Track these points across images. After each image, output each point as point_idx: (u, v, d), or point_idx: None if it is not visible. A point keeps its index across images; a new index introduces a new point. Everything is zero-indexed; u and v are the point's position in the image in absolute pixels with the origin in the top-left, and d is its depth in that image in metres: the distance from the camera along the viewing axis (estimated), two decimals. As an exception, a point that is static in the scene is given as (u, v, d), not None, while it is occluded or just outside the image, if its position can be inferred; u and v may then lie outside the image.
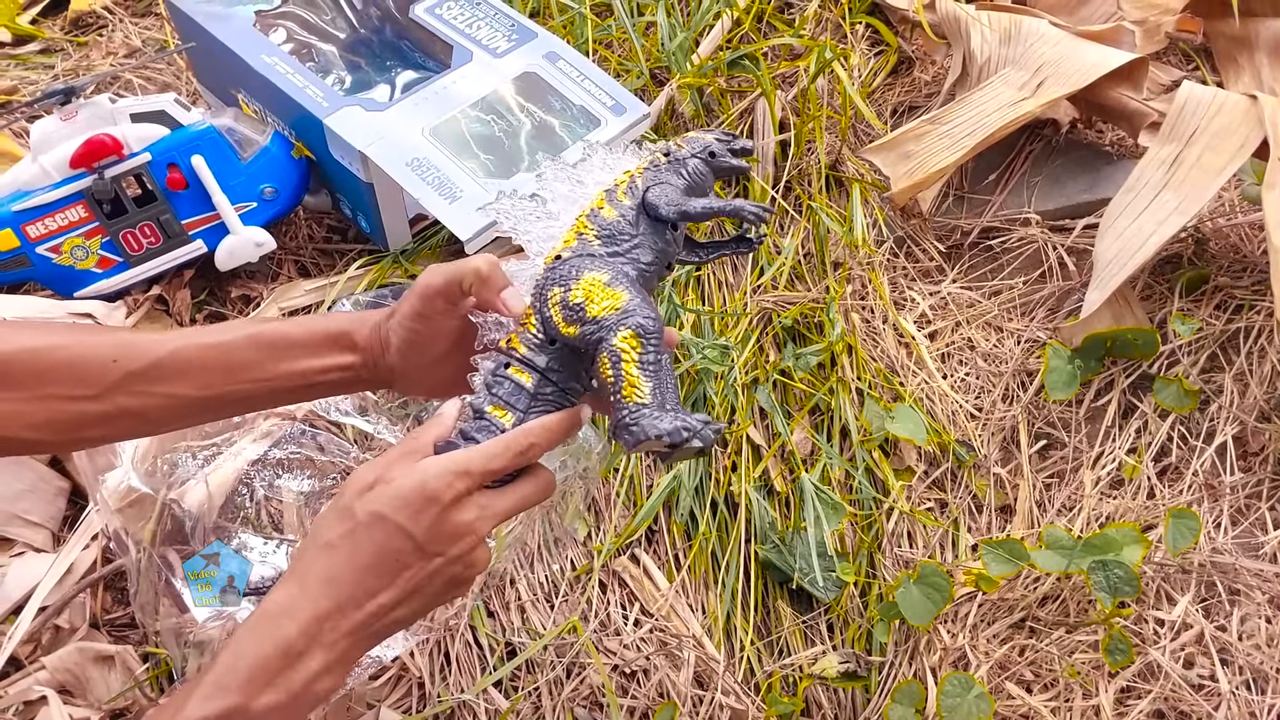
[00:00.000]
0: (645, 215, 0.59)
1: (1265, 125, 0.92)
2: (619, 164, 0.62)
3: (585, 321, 0.55)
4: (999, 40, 1.14)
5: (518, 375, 0.57)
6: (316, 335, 0.60)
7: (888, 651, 0.85)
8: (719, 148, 0.62)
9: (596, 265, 0.58)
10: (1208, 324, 0.98)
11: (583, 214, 0.60)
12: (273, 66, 1.07)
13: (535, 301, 0.58)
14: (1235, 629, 0.81)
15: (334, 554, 0.50)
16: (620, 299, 0.55)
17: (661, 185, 0.60)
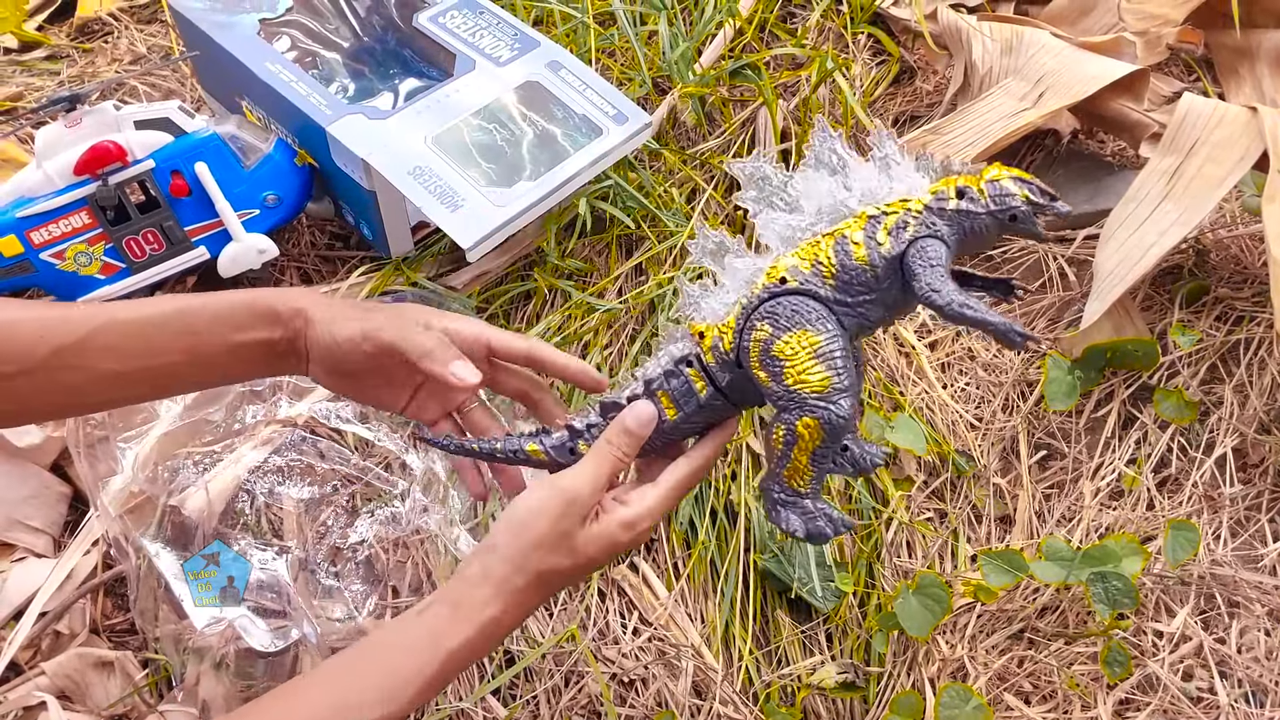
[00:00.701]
0: (897, 272, 0.52)
1: (1265, 137, 0.92)
2: (898, 178, 0.53)
3: (777, 380, 0.53)
4: (1000, 51, 1.15)
5: (694, 380, 0.57)
6: (239, 309, 0.60)
7: (886, 662, 0.85)
8: (1024, 210, 0.51)
9: (816, 318, 0.52)
10: (1208, 335, 0.98)
11: (832, 233, 0.53)
12: (276, 74, 1.08)
13: (741, 318, 0.54)
14: (1234, 641, 0.81)
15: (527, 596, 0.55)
16: (823, 382, 0.52)
17: (930, 245, 0.51)
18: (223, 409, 0.88)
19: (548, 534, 0.54)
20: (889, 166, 0.53)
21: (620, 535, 0.55)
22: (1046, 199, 0.52)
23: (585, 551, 0.55)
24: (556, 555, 0.54)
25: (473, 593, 0.53)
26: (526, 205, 1.01)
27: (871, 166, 0.53)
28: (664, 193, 1.20)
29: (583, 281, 1.14)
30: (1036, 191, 0.52)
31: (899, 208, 0.52)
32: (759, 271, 0.54)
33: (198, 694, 0.75)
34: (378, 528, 0.88)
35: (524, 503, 0.55)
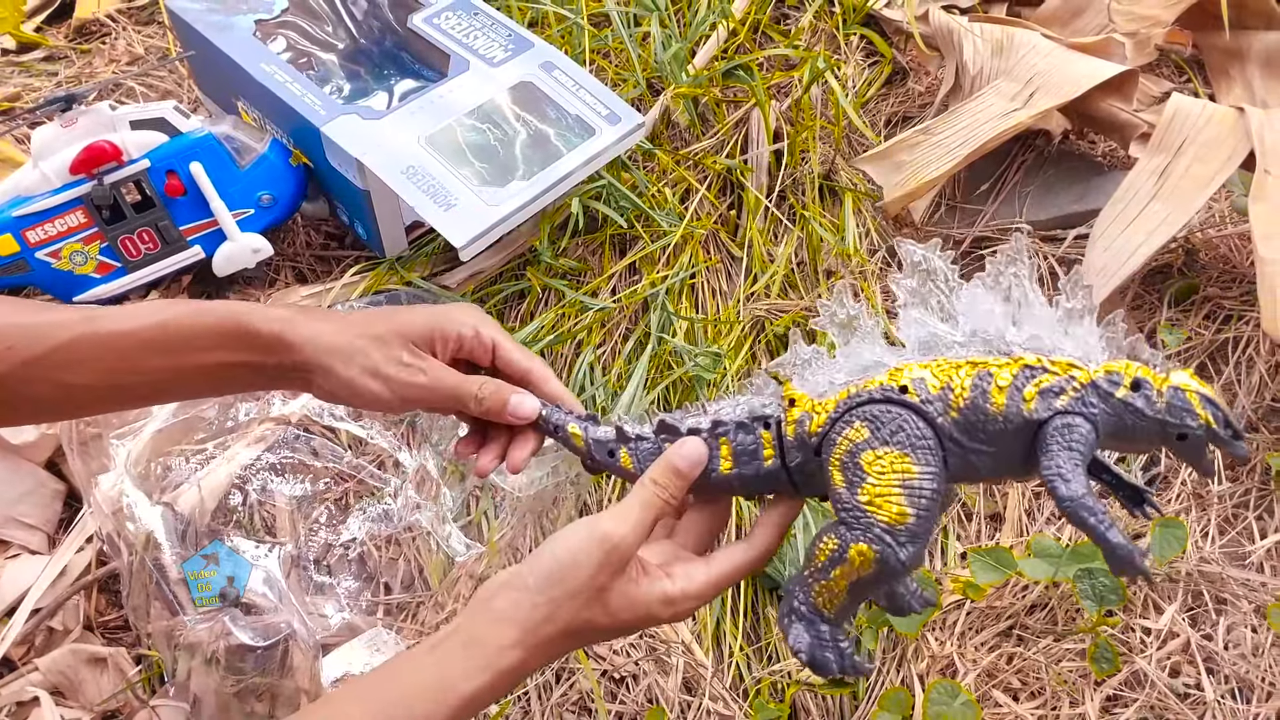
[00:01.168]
0: (1028, 435, 0.46)
1: (1252, 137, 0.93)
2: (1075, 336, 0.47)
3: (852, 489, 0.48)
4: (991, 52, 1.15)
5: (765, 443, 0.52)
6: (225, 327, 0.57)
7: (876, 659, 0.85)
8: (1198, 435, 0.45)
9: (922, 448, 0.47)
10: (1197, 334, 0.98)
11: (978, 364, 0.47)
12: (271, 75, 1.09)
13: (842, 406, 0.49)
14: (1221, 638, 0.82)
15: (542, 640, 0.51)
16: (899, 517, 0.47)
17: (1078, 426, 0.45)
18: (216, 406, 0.89)
19: (585, 585, 0.50)
20: (1070, 320, 0.47)
21: (659, 610, 0.51)
22: (1229, 433, 0.45)
23: (618, 613, 0.51)
24: (590, 610, 0.50)
25: (495, 632, 0.49)
26: (519, 205, 1.01)
27: (1051, 312, 0.48)
28: (657, 193, 1.20)
29: (577, 281, 1.14)
30: (1222, 422, 0.46)
31: (1063, 370, 0.46)
32: (882, 366, 0.49)
33: (189, 689, 0.76)
34: (369, 525, 0.88)
35: (564, 544, 0.51)
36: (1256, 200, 0.90)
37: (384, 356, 0.57)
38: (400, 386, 0.57)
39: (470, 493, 0.96)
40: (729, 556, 0.53)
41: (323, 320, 0.58)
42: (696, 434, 0.54)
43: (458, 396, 0.59)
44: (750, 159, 1.22)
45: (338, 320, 0.59)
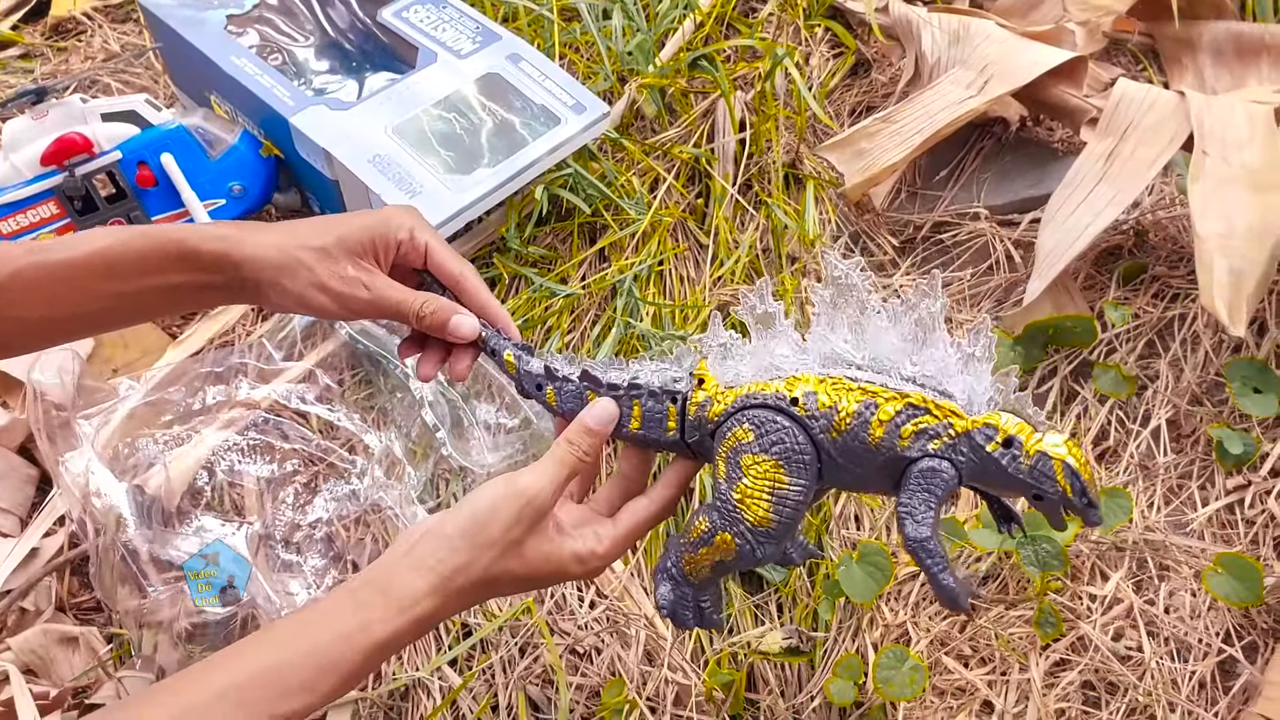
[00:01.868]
0: (898, 472, 0.50)
1: (1191, 121, 0.96)
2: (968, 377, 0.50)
3: (729, 483, 0.53)
4: (948, 41, 1.18)
5: (670, 416, 0.57)
6: (168, 251, 0.58)
7: (832, 628, 0.87)
8: (1054, 499, 0.48)
9: (796, 462, 0.51)
10: (1145, 312, 1.01)
11: (868, 391, 0.50)
12: (241, 68, 1.11)
13: (738, 404, 0.53)
14: (1162, 602, 0.84)
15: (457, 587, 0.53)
16: (762, 520, 0.51)
17: (942, 472, 0.48)
18: (182, 388, 0.90)
19: (501, 537, 0.52)
20: (967, 365, 0.50)
21: (571, 566, 0.55)
22: (1083, 502, 0.48)
23: (533, 565, 0.54)
24: (506, 561, 0.53)
25: (411, 580, 0.51)
26: (484, 192, 1.03)
27: (951, 353, 0.50)
28: (626, 182, 1.22)
29: (546, 268, 1.16)
30: (1078, 493, 0.48)
31: (943, 415, 0.49)
32: (784, 370, 0.53)
33: (155, 661, 0.77)
34: (336, 505, 0.90)
35: (483, 497, 0.53)
36: (1195, 180, 0.93)
37: (328, 271, 0.59)
38: (346, 300, 0.59)
39: (440, 475, 0.98)
40: (633, 514, 0.57)
41: (266, 234, 0.60)
42: (615, 389, 0.58)
43: (400, 311, 0.61)
44: (716, 148, 1.25)
45: (281, 233, 0.60)
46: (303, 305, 0.60)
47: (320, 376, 0.97)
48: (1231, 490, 0.90)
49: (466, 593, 0.52)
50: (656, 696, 0.84)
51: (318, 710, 0.50)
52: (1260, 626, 0.82)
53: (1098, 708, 0.82)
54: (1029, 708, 0.81)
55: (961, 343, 0.50)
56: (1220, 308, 0.87)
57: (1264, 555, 0.86)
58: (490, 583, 0.53)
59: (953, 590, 0.49)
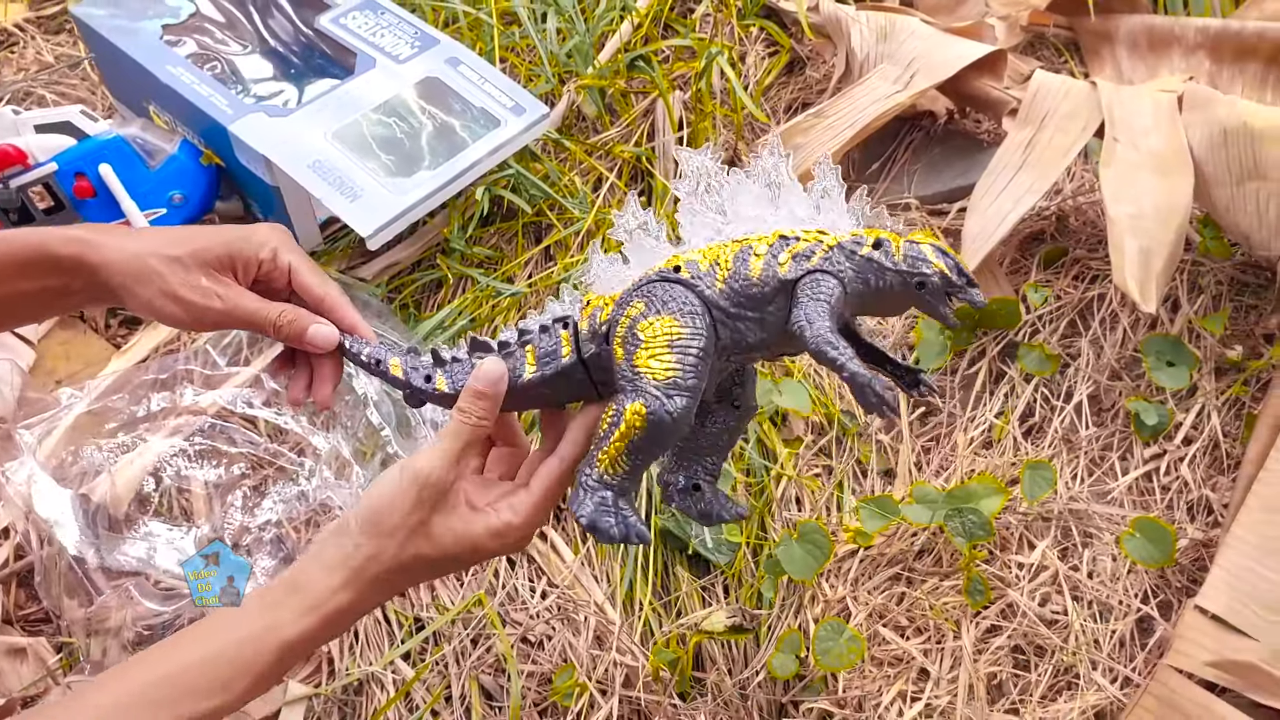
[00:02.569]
0: (785, 298, 0.51)
1: (1102, 109, 1.00)
2: (826, 211, 0.52)
3: (629, 357, 0.52)
4: (876, 38, 1.22)
5: (564, 341, 0.56)
6: (24, 255, 0.57)
7: (775, 606, 0.90)
8: (934, 282, 0.49)
9: (688, 311, 0.51)
10: (1066, 293, 1.06)
11: (740, 241, 0.52)
12: (178, 77, 1.11)
13: (626, 293, 0.53)
14: (1086, 567, 0.88)
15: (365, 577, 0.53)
16: (667, 373, 0.50)
17: (823, 280, 0.50)
18: (127, 396, 0.91)
19: (403, 522, 0.52)
20: (822, 198, 0.52)
21: (487, 542, 0.54)
22: (962, 280, 0.49)
23: (446, 546, 0.53)
24: (414, 545, 0.52)
25: (322, 579, 0.51)
26: (425, 194, 1.05)
27: (805, 195, 0.52)
28: (568, 182, 1.25)
29: (492, 268, 1.18)
30: (954, 269, 0.49)
31: (813, 238, 0.51)
32: (662, 257, 0.54)
33: (104, 666, 0.78)
34: (285, 506, 0.91)
35: (380, 487, 0.53)
36: (1106, 165, 0.97)
37: (180, 280, 0.58)
38: (196, 310, 0.58)
39: (389, 474, 1.00)
40: (545, 475, 0.56)
41: (122, 240, 0.59)
42: (506, 347, 0.58)
43: (255, 321, 0.60)
44: (656, 147, 1.27)
45: (137, 240, 0.59)
46: (153, 312, 0.58)
47: (267, 381, 0.98)
48: (1148, 459, 0.95)
49: (381, 582, 0.52)
50: (606, 679, 0.86)
51: (233, 710, 0.50)
52: (1174, 585, 0.87)
53: (1027, 670, 0.86)
54: (961, 673, 0.84)
55: (811, 184, 0.52)
56: (1132, 286, 0.92)
57: (1178, 519, 0.91)
58: (403, 569, 0.52)
59: (866, 377, 0.47)
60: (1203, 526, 0.90)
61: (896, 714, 0.84)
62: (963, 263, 0.50)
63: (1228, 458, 0.94)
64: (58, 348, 1.05)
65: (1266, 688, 0.74)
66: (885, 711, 0.84)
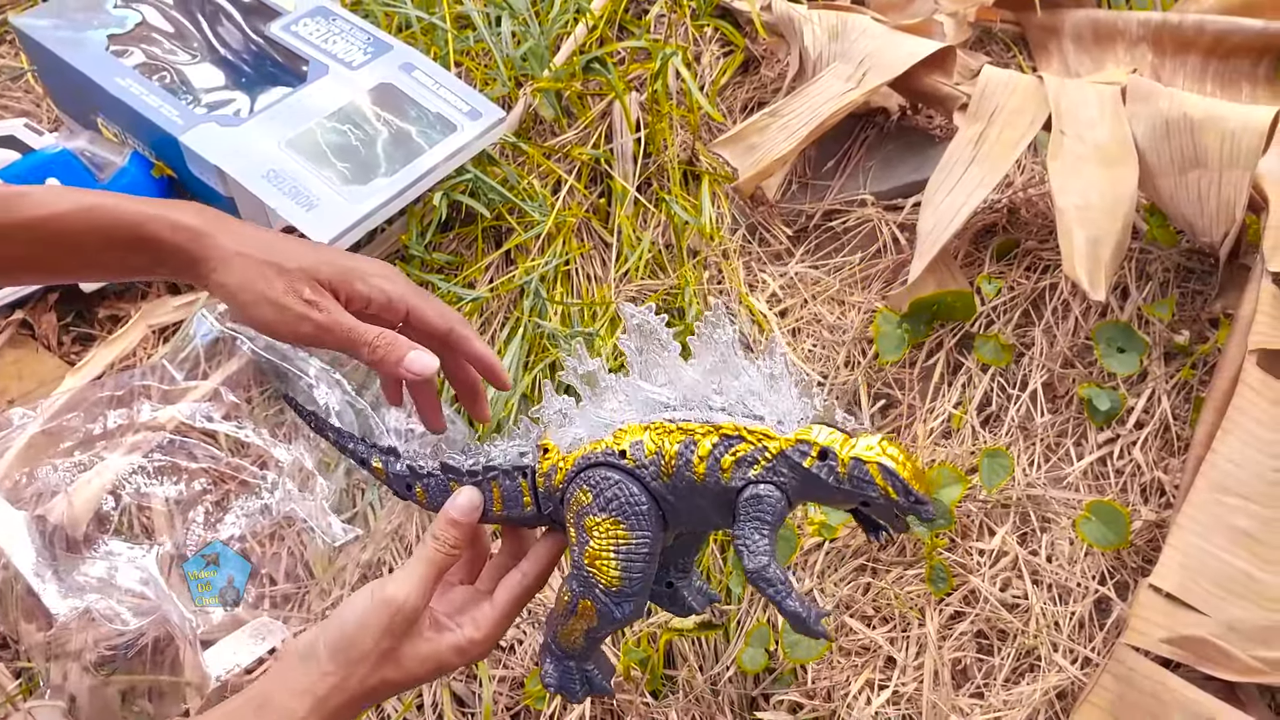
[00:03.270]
0: (730, 504, 0.51)
1: (1049, 102, 1.02)
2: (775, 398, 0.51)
3: (580, 549, 0.53)
4: (828, 37, 1.23)
5: (524, 492, 0.58)
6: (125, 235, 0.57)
7: (743, 601, 0.91)
8: (881, 504, 0.48)
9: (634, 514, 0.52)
10: (1019, 284, 1.08)
11: (687, 430, 0.51)
12: (126, 88, 1.10)
13: (576, 465, 0.54)
14: (1044, 552, 0.90)
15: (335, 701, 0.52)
16: (614, 581, 0.52)
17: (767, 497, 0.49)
18: (82, 414, 0.89)
19: (372, 650, 0.52)
20: (770, 384, 0.51)
21: (450, 658, 0.54)
22: (909, 501, 0.47)
23: (410, 669, 0.53)
24: (381, 671, 0.53)
25: (287, 702, 0.51)
26: (382, 201, 1.05)
27: (752, 373, 0.51)
28: (527, 185, 1.25)
29: (453, 274, 1.18)
30: (901, 490, 0.47)
31: (757, 440, 0.50)
32: (611, 426, 0.54)
33: (65, 689, 0.77)
34: (248, 520, 0.91)
35: (350, 612, 0.53)
36: (1054, 158, 0.99)
37: (285, 286, 0.57)
38: (294, 319, 0.58)
39: (354, 484, 0.99)
40: (507, 591, 0.57)
41: (233, 236, 0.58)
42: (474, 475, 0.59)
43: (352, 339, 0.59)
44: (615, 149, 1.28)
45: (249, 239, 0.59)
46: (248, 314, 0.58)
47: (226, 394, 0.97)
48: (1102, 444, 0.97)
49: (345, 709, 0.52)
50: (578, 681, 0.87)
51: None
52: (1130, 566, 0.89)
53: (990, 654, 0.87)
54: (927, 660, 0.86)
55: (760, 363, 0.52)
56: (1081, 275, 0.94)
57: (1132, 501, 0.93)
58: (369, 694, 0.53)
59: (799, 613, 0.48)
60: (1156, 508, 0.92)
61: (865, 703, 0.85)
62: (913, 478, 0.48)
63: (1178, 440, 0.97)
64: (9, 367, 1.03)
65: (1217, 661, 0.76)
66: (854, 700, 0.85)
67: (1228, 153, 0.93)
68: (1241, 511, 0.79)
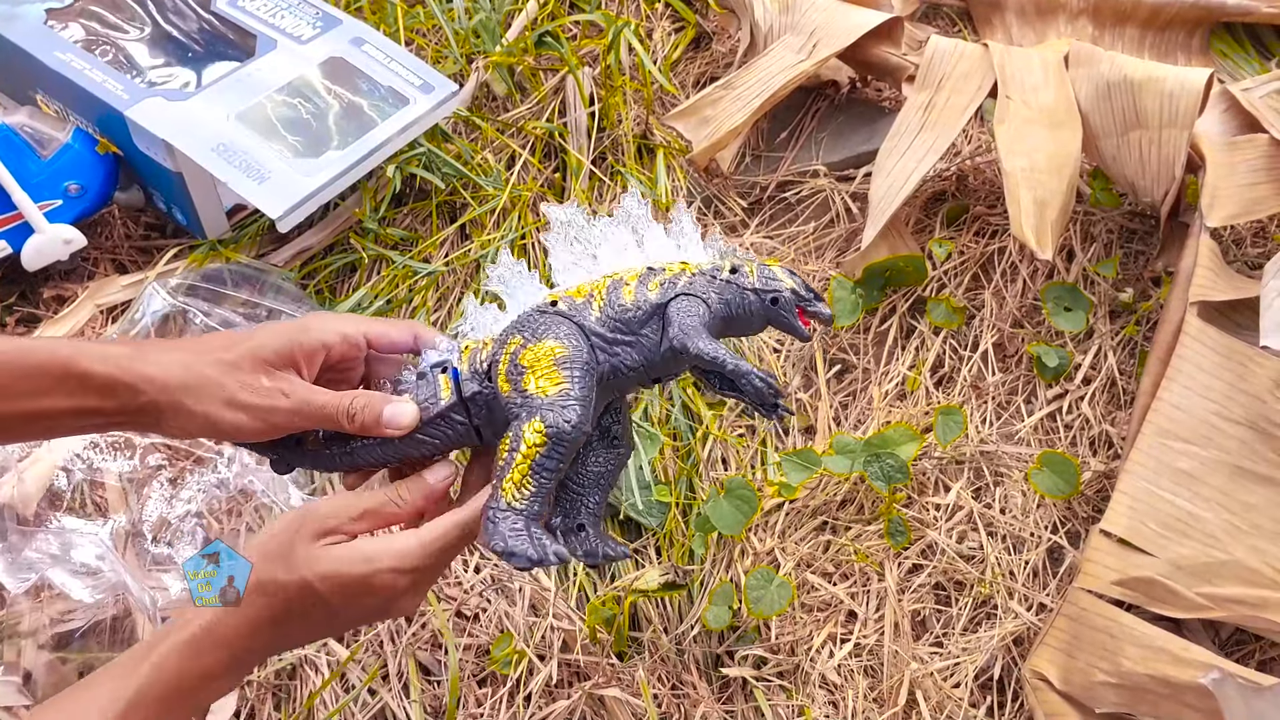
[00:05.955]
0: (658, 321, 0.54)
1: (995, 69, 1.05)
2: (687, 248, 0.57)
3: (517, 387, 0.53)
4: (779, 10, 1.25)
5: (444, 385, 0.56)
6: (51, 372, 0.51)
7: (706, 562, 0.92)
8: (788, 299, 0.55)
9: (566, 332, 0.54)
10: (968, 248, 1.10)
11: (609, 277, 0.56)
12: (68, 63, 1.07)
13: (504, 332, 0.56)
14: (998, 505, 0.93)
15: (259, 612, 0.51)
16: (559, 388, 0.52)
17: (691, 301, 0.54)
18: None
19: (267, 541, 0.50)
20: (681, 239, 0.58)
21: (384, 575, 0.50)
22: (809, 294, 0.55)
23: (301, 571, 0.50)
24: (271, 565, 0.50)
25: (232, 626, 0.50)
26: (335, 174, 1.03)
27: (667, 235, 0.58)
28: (481, 160, 1.24)
29: (408, 248, 1.17)
30: (803, 286, 0.55)
31: (678, 268, 0.56)
32: (538, 298, 0.56)
33: (20, 665, 0.75)
34: (205, 495, 0.89)
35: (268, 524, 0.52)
36: (1000, 122, 1.02)
37: (239, 384, 0.53)
38: (264, 413, 0.53)
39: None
40: (439, 520, 0.53)
41: (166, 353, 0.54)
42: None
43: (328, 415, 0.55)
44: (569, 123, 1.28)
45: (183, 350, 0.54)
46: (211, 427, 0.53)
47: (178, 370, 0.96)
48: (1051, 400, 1.00)
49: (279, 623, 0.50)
50: (544, 645, 0.87)
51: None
52: (1080, 515, 0.92)
53: (948, 604, 0.89)
54: (887, 612, 0.87)
55: (669, 226, 0.58)
56: (1029, 235, 0.96)
57: (1081, 453, 0.96)
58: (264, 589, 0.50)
59: (745, 368, 0.52)
60: (1104, 459, 0.95)
61: (828, 655, 0.86)
62: (808, 281, 0.57)
63: (1124, 394, 1.00)
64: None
65: (1166, 600, 0.79)
66: (817, 654, 0.86)
67: (1167, 113, 0.96)
68: (1184, 454, 0.82)
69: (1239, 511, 0.79)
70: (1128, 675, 0.76)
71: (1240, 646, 0.83)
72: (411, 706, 0.84)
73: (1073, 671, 0.79)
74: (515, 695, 0.85)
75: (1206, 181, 0.95)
